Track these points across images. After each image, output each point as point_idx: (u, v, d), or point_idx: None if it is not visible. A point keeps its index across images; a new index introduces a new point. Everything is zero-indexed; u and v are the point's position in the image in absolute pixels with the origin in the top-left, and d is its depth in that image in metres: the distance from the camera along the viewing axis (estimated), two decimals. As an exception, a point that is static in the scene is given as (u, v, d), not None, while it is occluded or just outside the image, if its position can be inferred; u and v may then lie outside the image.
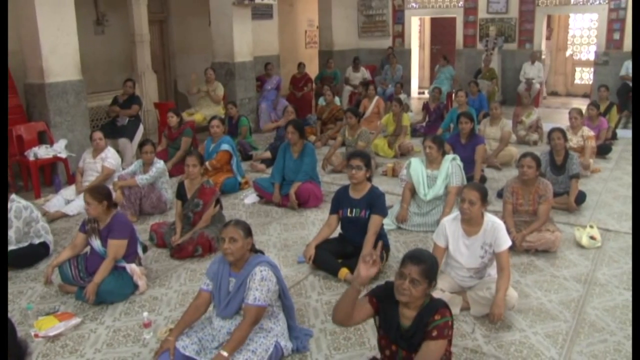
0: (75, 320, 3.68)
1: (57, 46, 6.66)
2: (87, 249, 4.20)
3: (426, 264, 2.53)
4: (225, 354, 2.91)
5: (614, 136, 8.91)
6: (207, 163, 6.31)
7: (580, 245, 4.85)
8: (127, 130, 7.89)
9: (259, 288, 3.01)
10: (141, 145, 5.93)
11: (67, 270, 4.06)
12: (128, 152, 7.75)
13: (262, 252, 3.29)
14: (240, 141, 8.25)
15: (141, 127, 8.12)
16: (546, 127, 9.16)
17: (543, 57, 12.56)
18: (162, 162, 5.92)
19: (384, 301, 2.64)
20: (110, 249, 3.96)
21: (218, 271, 3.17)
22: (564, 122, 8.10)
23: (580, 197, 5.79)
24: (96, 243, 4.04)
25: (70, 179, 6.69)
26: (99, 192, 3.99)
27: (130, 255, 4.12)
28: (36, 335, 3.53)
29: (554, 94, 14.22)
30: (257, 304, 3.00)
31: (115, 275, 3.99)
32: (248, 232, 3.12)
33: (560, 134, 5.72)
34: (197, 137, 8.05)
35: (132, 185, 5.69)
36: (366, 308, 2.65)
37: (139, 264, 4.24)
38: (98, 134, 6.12)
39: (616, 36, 11.57)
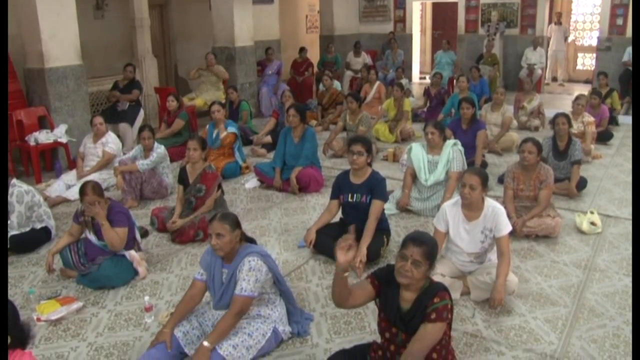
0: (77, 305, 3.69)
1: (56, 31, 6.60)
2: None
3: (427, 245, 2.53)
4: (207, 344, 2.88)
5: (615, 122, 8.87)
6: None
7: (580, 231, 4.85)
8: (128, 115, 7.86)
9: (246, 278, 2.98)
10: (140, 131, 5.91)
11: (68, 256, 4.06)
12: (128, 137, 7.72)
13: (253, 241, 3.26)
14: (241, 126, 8.19)
15: (142, 112, 8.08)
16: (548, 113, 9.15)
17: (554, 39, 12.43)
18: (162, 147, 5.90)
19: (385, 283, 2.64)
20: (114, 239, 3.92)
21: (211, 262, 3.15)
22: (566, 108, 8.06)
23: (581, 183, 5.78)
24: (91, 237, 4.03)
25: (71, 164, 6.68)
26: (99, 189, 3.91)
27: (129, 242, 4.11)
28: (38, 319, 3.54)
29: (555, 80, 14.15)
30: (243, 294, 2.97)
31: (114, 261, 3.99)
32: (235, 224, 3.06)
33: (565, 119, 5.69)
34: (198, 122, 8.03)
35: (132, 171, 5.67)
36: (367, 289, 2.65)
37: (138, 250, 4.25)
38: (98, 119, 6.10)
39: (619, 21, 11.47)
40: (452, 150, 5.28)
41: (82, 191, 3.89)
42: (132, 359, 3.15)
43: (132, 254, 4.10)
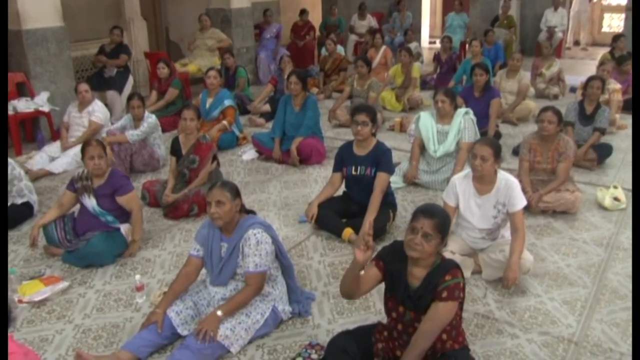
0: (63, 285, 3.68)
1: (33, -13, 6.48)
2: (75, 209, 4.18)
3: (439, 217, 2.52)
4: (220, 313, 2.92)
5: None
6: (226, 123, 6.46)
7: (602, 207, 4.81)
8: (116, 82, 7.77)
9: (257, 253, 2.99)
10: (129, 99, 5.85)
11: (53, 231, 4.05)
12: (117, 105, 7.66)
13: (253, 212, 3.26)
14: (238, 94, 8.15)
15: (130, 79, 8.00)
16: (569, 80, 9.02)
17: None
18: (154, 116, 5.86)
19: (390, 262, 2.63)
20: (130, 203, 4.03)
21: (208, 236, 3.14)
22: (588, 74, 7.96)
23: (606, 150, 5.77)
24: (90, 202, 4.00)
25: (55, 135, 6.63)
26: (103, 144, 3.99)
27: (124, 215, 4.11)
28: (20, 301, 3.52)
29: (577, 44, 13.94)
30: (259, 270, 3.00)
31: (105, 235, 3.97)
32: (236, 193, 3.07)
33: (600, 84, 5.71)
34: (192, 90, 7.96)
35: (122, 142, 5.64)
36: (373, 273, 2.65)
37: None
38: (84, 86, 6.03)
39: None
40: (464, 120, 5.23)
41: (87, 143, 3.94)
42: (122, 341, 3.15)
43: (127, 229, 4.09)
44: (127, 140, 5.62)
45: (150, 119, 5.76)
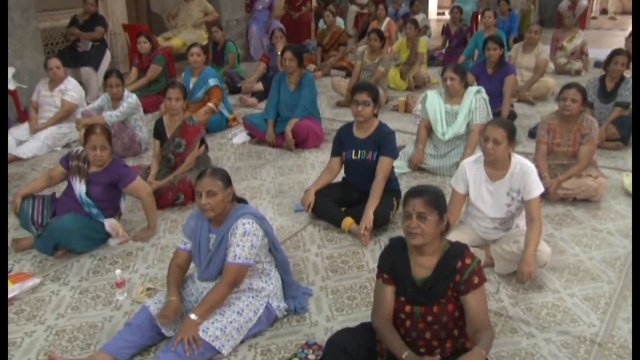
0: (33, 282, 3.66)
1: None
2: (57, 189, 4.15)
3: (428, 193, 2.56)
4: (194, 317, 2.89)
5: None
6: (212, 105, 6.44)
7: (629, 194, 4.81)
8: (91, 57, 7.72)
9: (240, 244, 2.98)
10: (106, 76, 5.82)
11: (29, 207, 4.02)
12: (93, 83, 7.62)
13: (244, 201, 3.26)
14: (227, 71, 8.14)
15: (108, 54, 7.96)
16: (593, 53, 8.96)
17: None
18: (134, 95, 5.85)
19: (391, 266, 2.65)
20: (138, 192, 4.11)
21: (196, 228, 3.14)
22: (616, 47, 7.95)
23: (628, 125, 5.70)
24: (79, 187, 3.98)
25: (22, 116, 6.59)
26: (109, 133, 3.99)
27: (111, 208, 4.12)
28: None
29: (604, 12, 13.80)
30: (237, 262, 2.97)
31: (82, 218, 3.95)
32: (227, 181, 3.06)
33: (625, 60, 5.69)
34: (176, 67, 7.93)
35: (99, 124, 5.60)
36: (389, 291, 2.65)
37: (119, 219, 4.27)
38: (55, 62, 5.99)
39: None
40: (475, 99, 5.22)
41: (91, 130, 3.94)
42: (100, 342, 3.13)
43: (112, 223, 4.08)
44: (105, 122, 5.60)
45: (131, 99, 5.73)
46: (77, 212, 3.98)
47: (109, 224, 4.07)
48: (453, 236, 3.25)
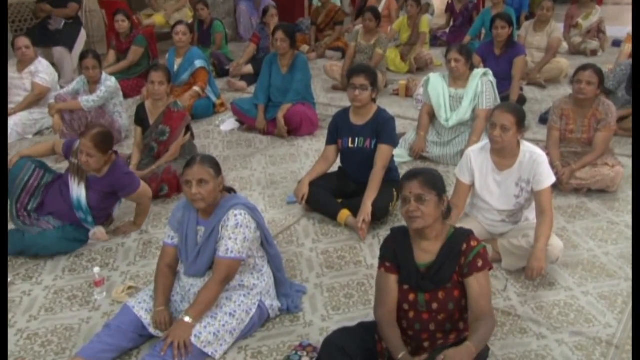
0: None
1: None
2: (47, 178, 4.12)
3: (424, 174, 2.64)
4: (188, 319, 2.89)
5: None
6: (198, 89, 6.42)
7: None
8: (64, 36, 7.65)
9: (232, 237, 2.98)
10: (81, 58, 5.78)
11: (22, 176, 3.98)
12: (67, 65, 7.57)
13: (234, 191, 3.26)
14: (214, 52, 8.11)
15: (83, 33, 7.89)
16: (611, 31, 8.90)
17: None
18: (113, 79, 5.81)
19: (393, 254, 2.70)
20: (142, 199, 4.15)
21: (183, 220, 3.13)
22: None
23: None
24: (77, 191, 3.94)
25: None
26: (104, 139, 3.88)
27: (104, 217, 4.14)
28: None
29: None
30: (230, 256, 2.97)
31: (67, 230, 3.94)
32: (218, 169, 3.07)
33: None
34: (158, 48, 7.89)
35: (74, 109, 5.60)
36: (392, 280, 2.69)
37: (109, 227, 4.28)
38: (23, 41, 5.95)
39: None
40: (481, 82, 5.22)
41: (83, 133, 3.93)
42: (77, 346, 3.12)
43: (99, 232, 4.06)
44: (81, 108, 5.58)
45: (109, 82, 5.70)
46: (64, 215, 3.96)
47: (96, 231, 4.05)
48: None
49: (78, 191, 3.95)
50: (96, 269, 3.58)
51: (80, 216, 3.97)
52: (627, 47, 6.74)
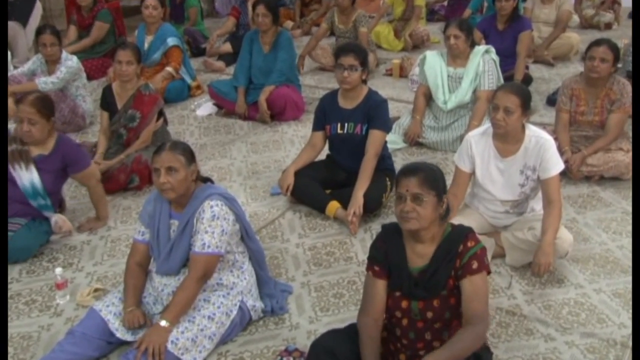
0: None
1: None
2: None
3: (423, 171, 2.59)
4: (164, 323, 2.89)
5: None
6: (171, 70, 6.40)
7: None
8: (17, 9, 7.56)
9: (209, 230, 2.98)
10: (37, 33, 5.74)
11: None
12: (20, 42, 7.50)
13: (210, 181, 3.26)
14: (189, 29, 8.08)
15: (38, 6, 7.85)
16: (627, 2, 8.87)
17: None
18: (75, 58, 5.78)
19: (386, 253, 2.67)
20: (89, 179, 4.13)
21: (154, 213, 3.13)
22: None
23: None
24: (28, 175, 3.88)
25: None
26: (45, 105, 3.88)
27: (56, 202, 4.11)
28: None
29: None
30: (207, 251, 2.97)
31: (29, 225, 3.91)
32: (191, 156, 3.06)
33: None
34: (127, 23, 7.85)
35: (31, 91, 5.53)
36: (380, 285, 2.67)
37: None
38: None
39: None
40: (483, 61, 5.23)
41: (21, 99, 3.92)
42: (36, 357, 3.12)
43: (60, 220, 4.02)
44: (38, 90, 5.51)
45: (70, 62, 5.66)
46: (21, 211, 3.91)
47: (58, 220, 4.02)
48: (456, 222, 3.27)
49: (29, 176, 3.90)
50: (58, 270, 3.57)
51: (40, 202, 3.93)
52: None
